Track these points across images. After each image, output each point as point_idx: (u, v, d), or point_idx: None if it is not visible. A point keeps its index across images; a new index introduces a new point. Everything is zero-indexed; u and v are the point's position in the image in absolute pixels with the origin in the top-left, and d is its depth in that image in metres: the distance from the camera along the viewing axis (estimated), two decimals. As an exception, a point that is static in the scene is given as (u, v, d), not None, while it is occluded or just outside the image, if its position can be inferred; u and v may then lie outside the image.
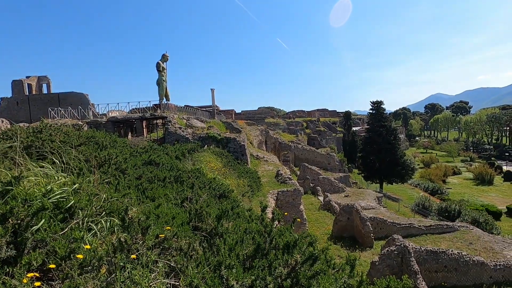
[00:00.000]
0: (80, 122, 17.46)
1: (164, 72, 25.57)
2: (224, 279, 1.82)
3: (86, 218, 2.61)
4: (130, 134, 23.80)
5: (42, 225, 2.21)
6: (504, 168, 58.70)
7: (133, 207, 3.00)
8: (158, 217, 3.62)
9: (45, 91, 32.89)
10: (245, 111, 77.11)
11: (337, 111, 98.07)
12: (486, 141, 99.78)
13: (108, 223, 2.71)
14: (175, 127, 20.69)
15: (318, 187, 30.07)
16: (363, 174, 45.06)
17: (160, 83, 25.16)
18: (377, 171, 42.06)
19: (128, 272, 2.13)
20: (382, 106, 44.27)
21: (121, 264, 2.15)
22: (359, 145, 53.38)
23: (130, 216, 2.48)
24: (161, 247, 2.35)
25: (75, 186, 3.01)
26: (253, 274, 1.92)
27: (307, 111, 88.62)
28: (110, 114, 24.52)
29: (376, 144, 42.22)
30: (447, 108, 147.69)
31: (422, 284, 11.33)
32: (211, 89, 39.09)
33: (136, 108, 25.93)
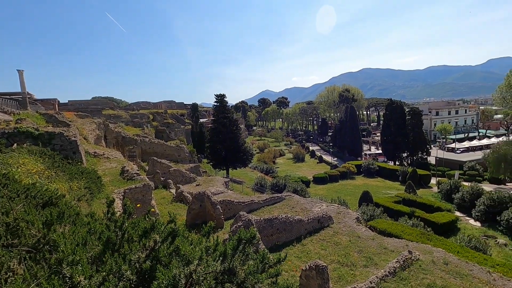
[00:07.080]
0: None
1: None
2: (67, 278, 1.46)
3: None
4: None
5: None
6: (311, 148, 79.01)
7: None
8: None
9: None
10: (74, 101, 63.89)
11: (185, 103, 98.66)
12: (300, 128, 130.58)
13: None
14: (-44, 121, 14.44)
15: (170, 180, 29.53)
16: (211, 163, 48.01)
17: None
18: (223, 159, 45.94)
19: None
20: (225, 99, 48.40)
21: None
22: (207, 136, 56.30)
23: None
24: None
25: None
26: (104, 270, 1.66)
27: (153, 103, 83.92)
28: None
29: (221, 134, 45.82)
30: (273, 102, 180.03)
31: (262, 247, 13.58)
32: (18, 70, 29.71)
33: None
